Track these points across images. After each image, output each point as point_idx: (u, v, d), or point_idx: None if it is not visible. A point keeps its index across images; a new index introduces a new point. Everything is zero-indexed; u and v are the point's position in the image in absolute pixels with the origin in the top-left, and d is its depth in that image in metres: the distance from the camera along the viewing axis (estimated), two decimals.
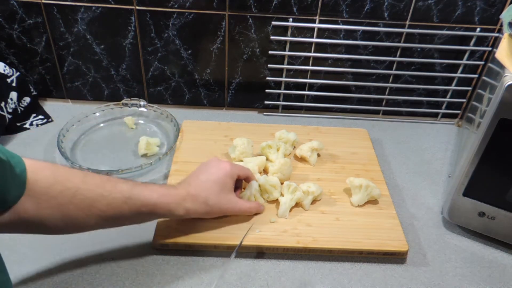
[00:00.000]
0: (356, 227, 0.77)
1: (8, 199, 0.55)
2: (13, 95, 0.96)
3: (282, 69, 1.03)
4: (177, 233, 0.73)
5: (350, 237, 0.75)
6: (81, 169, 0.83)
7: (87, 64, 1.03)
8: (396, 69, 1.04)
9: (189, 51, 1.01)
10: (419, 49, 1.01)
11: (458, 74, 1.04)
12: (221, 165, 0.72)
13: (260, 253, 0.74)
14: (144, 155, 0.92)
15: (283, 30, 0.98)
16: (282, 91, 1.07)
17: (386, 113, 1.12)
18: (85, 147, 0.94)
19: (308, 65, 1.03)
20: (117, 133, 0.99)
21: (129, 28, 0.97)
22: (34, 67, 1.03)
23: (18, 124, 0.99)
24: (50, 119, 1.02)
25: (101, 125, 1.00)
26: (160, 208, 0.66)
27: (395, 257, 0.74)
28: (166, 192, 0.66)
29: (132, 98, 1.02)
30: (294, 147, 0.94)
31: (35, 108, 1.03)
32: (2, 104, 0.92)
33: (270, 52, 1.00)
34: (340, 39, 0.99)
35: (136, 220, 0.67)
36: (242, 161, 0.86)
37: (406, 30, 0.98)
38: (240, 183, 0.79)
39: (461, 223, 0.80)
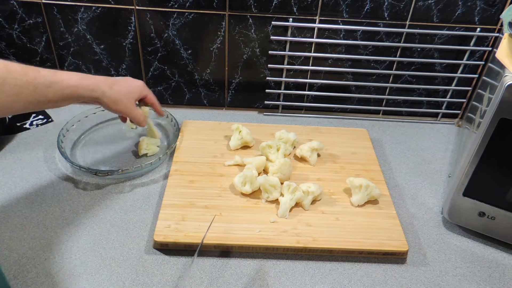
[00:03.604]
0: (356, 227, 0.77)
1: None
2: None
3: (282, 69, 1.04)
4: (177, 233, 0.73)
5: (350, 237, 0.75)
6: (81, 169, 0.83)
7: (87, 64, 1.03)
8: (396, 69, 1.04)
9: (189, 51, 1.01)
10: (419, 49, 1.01)
11: (458, 74, 1.04)
12: (137, 81, 0.85)
13: (260, 253, 0.74)
14: (144, 155, 0.92)
15: (283, 30, 0.98)
16: (282, 91, 1.07)
17: (386, 113, 1.12)
18: (85, 147, 0.94)
19: (308, 65, 1.03)
20: (117, 133, 0.99)
21: (129, 28, 0.97)
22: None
23: (18, 124, 0.99)
24: (50, 119, 1.02)
25: (101, 125, 1.00)
26: (81, 89, 0.73)
27: (395, 257, 0.74)
28: (86, 76, 0.75)
29: None
30: (294, 147, 0.95)
31: None
32: None
33: (270, 52, 1.00)
34: (340, 39, 0.99)
35: (60, 102, 0.72)
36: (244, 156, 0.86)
37: (406, 30, 0.98)
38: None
39: (461, 223, 0.80)
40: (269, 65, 1.03)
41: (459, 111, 1.11)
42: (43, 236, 0.74)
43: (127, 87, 0.82)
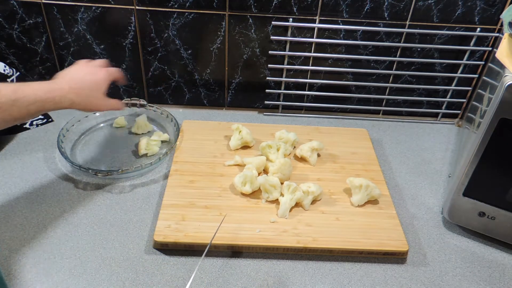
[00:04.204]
0: (356, 227, 0.77)
1: None
2: None
3: (282, 69, 1.03)
4: (177, 233, 0.73)
5: (350, 237, 0.75)
6: (81, 169, 0.84)
7: None
8: (396, 69, 1.04)
9: (189, 51, 1.01)
10: (419, 49, 1.01)
11: (458, 74, 1.04)
12: (99, 72, 0.80)
13: (260, 253, 0.74)
14: (144, 155, 0.92)
15: (283, 30, 0.98)
16: (282, 91, 1.07)
17: (386, 113, 1.12)
18: (85, 147, 0.94)
19: (308, 65, 1.03)
20: (117, 133, 0.99)
21: (129, 28, 0.97)
22: (34, 67, 1.03)
23: (18, 124, 0.99)
24: (50, 119, 1.02)
25: (101, 125, 1.00)
26: (48, 103, 0.70)
27: (395, 257, 0.74)
28: (51, 88, 0.71)
29: (132, 98, 1.02)
30: (294, 147, 0.95)
31: None
32: None
33: (270, 52, 1.00)
34: (340, 39, 0.99)
35: (26, 118, 0.70)
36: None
37: (406, 30, 0.98)
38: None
39: (461, 223, 0.80)
40: (269, 65, 1.03)
41: (459, 111, 1.11)
42: (43, 236, 0.74)
43: (93, 87, 0.77)
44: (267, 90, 1.07)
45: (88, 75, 0.78)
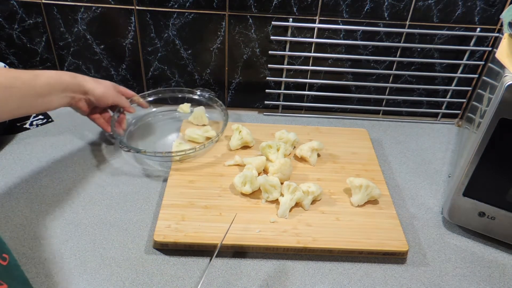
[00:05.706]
0: (356, 227, 0.77)
1: None
2: None
3: (282, 69, 1.04)
4: (177, 233, 0.73)
5: (350, 237, 0.75)
6: (120, 143, 0.88)
7: (87, 64, 1.03)
8: (396, 69, 1.04)
9: (189, 51, 1.01)
10: (419, 49, 1.01)
11: (458, 74, 1.04)
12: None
13: (260, 253, 0.74)
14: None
15: (283, 30, 0.98)
16: (282, 91, 1.07)
17: (386, 113, 1.12)
18: (139, 130, 1.00)
19: (308, 65, 1.03)
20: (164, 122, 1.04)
21: (129, 28, 0.97)
22: (34, 67, 1.03)
23: (18, 124, 0.99)
24: (50, 119, 1.02)
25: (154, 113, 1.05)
26: (65, 75, 0.79)
27: (395, 257, 0.74)
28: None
29: (205, 89, 1.02)
30: (294, 147, 0.95)
31: None
32: None
33: (270, 52, 1.00)
34: (340, 39, 0.99)
35: (48, 98, 0.76)
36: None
37: (406, 30, 0.98)
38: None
39: (461, 223, 0.80)
40: (269, 65, 1.03)
41: (459, 111, 1.11)
42: (43, 236, 0.74)
43: (108, 84, 0.88)
44: (267, 90, 1.07)
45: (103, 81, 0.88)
